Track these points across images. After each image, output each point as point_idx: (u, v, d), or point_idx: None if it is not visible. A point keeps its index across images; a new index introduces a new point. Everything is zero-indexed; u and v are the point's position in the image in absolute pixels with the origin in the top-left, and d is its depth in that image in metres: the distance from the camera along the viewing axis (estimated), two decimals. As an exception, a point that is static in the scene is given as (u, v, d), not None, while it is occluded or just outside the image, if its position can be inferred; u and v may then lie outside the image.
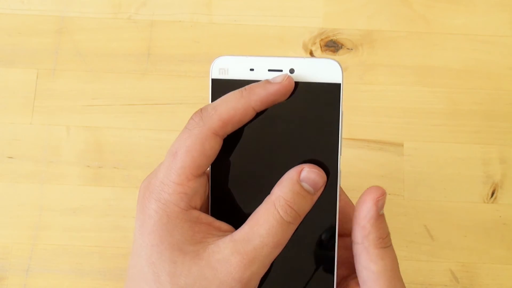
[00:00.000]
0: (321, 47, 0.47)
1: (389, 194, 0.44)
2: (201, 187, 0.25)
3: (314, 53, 0.47)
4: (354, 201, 0.42)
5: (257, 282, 0.25)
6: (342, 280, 0.29)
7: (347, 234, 0.28)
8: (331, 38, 0.47)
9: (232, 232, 0.25)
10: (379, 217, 0.26)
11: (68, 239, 0.43)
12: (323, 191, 0.26)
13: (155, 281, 0.24)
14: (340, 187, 0.27)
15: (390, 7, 0.48)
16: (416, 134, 0.45)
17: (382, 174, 0.44)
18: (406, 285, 0.43)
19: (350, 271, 0.28)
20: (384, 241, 0.26)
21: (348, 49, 0.47)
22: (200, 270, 0.24)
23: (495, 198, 0.44)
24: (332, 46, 0.47)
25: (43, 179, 0.44)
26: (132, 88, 0.46)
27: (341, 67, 0.26)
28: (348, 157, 0.44)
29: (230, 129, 0.25)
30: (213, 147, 0.25)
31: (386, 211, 0.42)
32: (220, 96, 0.26)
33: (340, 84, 0.26)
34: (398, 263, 0.27)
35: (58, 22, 0.47)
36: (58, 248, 0.43)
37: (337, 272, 0.27)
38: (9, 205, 0.44)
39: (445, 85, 0.46)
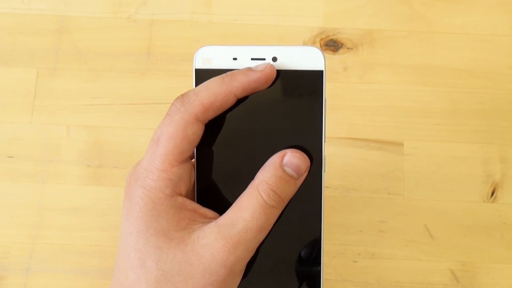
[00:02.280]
0: (321, 47, 0.47)
1: (389, 193, 0.44)
2: (186, 173, 0.25)
3: (314, 53, 0.47)
4: (355, 200, 0.42)
5: (242, 267, 0.25)
6: None
7: None
8: (331, 37, 0.47)
9: (217, 218, 0.25)
10: None
11: (68, 238, 0.43)
12: (307, 177, 0.26)
13: (140, 267, 0.24)
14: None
15: (390, 6, 0.48)
16: (416, 133, 0.45)
17: (382, 173, 0.44)
18: (406, 284, 0.43)
19: None
20: None
21: (348, 48, 0.47)
22: (185, 255, 0.24)
23: (495, 197, 0.44)
24: (332, 45, 0.47)
25: (43, 179, 0.44)
26: (132, 88, 0.46)
27: (323, 54, 0.27)
28: (348, 157, 0.44)
29: (211, 115, 0.26)
30: (195, 132, 0.25)
31: (386, 210, 0.42)
32: None
33: (322, 71, 0.27)
34: None
35: (58, 22, 0.47)
36: (58, 247, 0.43)
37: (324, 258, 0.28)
38: (9, 204, 0.44)
39: (445, 85, 0.46)
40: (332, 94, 0.46)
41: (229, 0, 0.48)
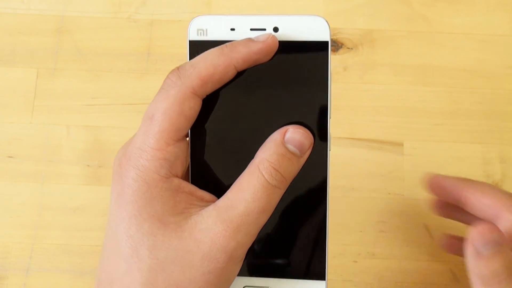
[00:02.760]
0: (321, 47, 0.47)
1: (389, 193, 0.44)
2: (182, 153, 0.24)
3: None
4: (355, 200, 0.42)
5: (243, 253, 0.23)
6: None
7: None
8: (331, 37, 0.47)
9: (215, 201, 0.23)
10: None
11: (68, 238, 0.43)
12: (311, 155, 0.24)
13: (132, 256, 0.22)
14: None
15: (390, 6, 0.48)
16: (416, 133, 0.45)
17: (382, 173, 0.44)
18: (406, 284, 0.43)
19: None
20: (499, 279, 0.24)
21: (348, 48, 0.47)
22: (182, 242, 0.22)
23: (495, 197, 0.44)
24: (332, 45, 0.47)
25: (43, 179, 0.44)
26: (132, 88, 0.46)
27: (328, 24, 0.25)
28: (348, 157, 0.44)
29: (210, 89, 0.24)
30: (193, 107, 0.23)
31: (386, 210, 0.42)
32: None
33: (327, 42, 0.25)
34: None
35: (58, 22, 0.47)
36: (58, 247, 0.43)
37: (329, 242, 0.26)
38: (9, 204, 0.44)
39: (445, 85, 0.46)
40: (332, 94, 0.46)
41: (229, 0, 0.48)
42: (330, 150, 0.25)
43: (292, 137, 0.24)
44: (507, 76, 0.46)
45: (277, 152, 0.23)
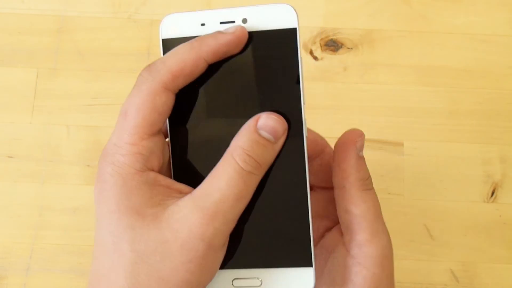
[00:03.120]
0: (321, 47, 0.47)
1: (389, 193, 0.44)
2: (157, 147, 0.24)
3: (314, 53, 0.47)
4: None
5: (223, 240, 0.23)
6: (327, 231, 0.28)
7: (331, 187, 0.27)
8: (331, 37, 0.47)
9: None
10: (359, 159, 0.25)
11: (68, 238, 0.43)
12: (287, 140, 0.24)
13: (115, 251, 0.22)
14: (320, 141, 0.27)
15: (390, 6, 0.48)
16: (416, 133, 0.45)
17: (382, 173, 0.44)
18: (406, 284, 0.43)
19: (334, 223, 0.27)
20: (366, 183, 0.25)
21: (348, 48, 0.47)
22: (160, 232, 0.22)
23: (495, 197, 0.44)
24: (332, 45, 0.47)
25: (43, 179, 0.44)
26: (132, 88, 0.46)
27: (295, 10, 0.25)
28: (348, 157, 0.44)
29: (181, 83, 0.24)
30: (165, 102, 0.24)
31: (386, 210, 0.42)
32: None
33: (295, 28, 0.25)
34: (380, 207, 0.26)
35: (58, 22, 0.47)
36: (58, 247, 0.43)
37: (315, 225, 0.26)
38: (9, 204, 0.44)
39: (445, 85, 0.46)
40: (332, 94, 0.46)
41: (229, 0, 0.48)
42: (306, 136, 0.25)
43: (265, 123, 0.24)
44: (507, 76, 0.46)
45: (251, 139, 0.23)
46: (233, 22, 0.25)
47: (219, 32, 0.24)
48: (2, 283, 0.42)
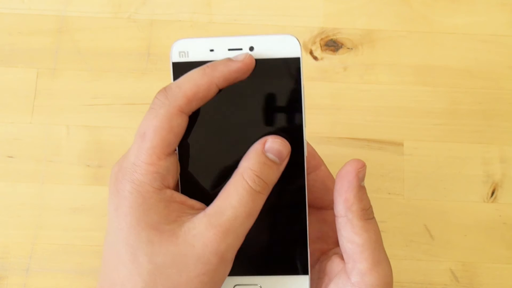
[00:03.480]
0: (321, 47, 0.47)
1: (389, 193, 0.44)
2: (173, 166, 0.26)
3: (314, 53, 0.47)
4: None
5: (232, 254, 0.25)
6: (323, 254, 0.29)
7: (328, 207, 0.29)
8: (331, 37, 0.47)
9: (204, 209, 0.26)
10: (361, 189, 0.26)
11: (68, 238, 0.43)
12: (289, 161, 0.27)
13: (132, 262, 0.24)
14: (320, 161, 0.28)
15: (390, 6, 0.48)
16: (416, 133, 0.45)
17: (382, 173, 0.44)
18: (406, 284, 0.43)
19: (331, 245, 0.29)
20: (367, 213, 0.27)
21: (348, 48, 0.47)
22: (177, 247, 0.24)
23: (495, 197, 0.44)
24: (332, 45, 0.47)
25: (43, 179, 0.44)
26: (132, 88, 0.46)
27: (298, 41, 0.27)
28: (348, 157, 0.44)
29: (195, 106, 0.26)
30: (180, 124, 0.25)
31: (386, 210, 0.42)
32: None
33: (299, 57, 0.27)
34: (381, 236, 0.27)
35: (58, 22, 0.47)
36: (58, 247, 0.43)
37: (312, 243, 0.28)
38: (9, 204, 0.44)
39: (445, 85, 0.46)
40: (332, 94, 0.46)
41: (229, 0, 0.48)
42: (306, 156, 0.27)
43: (271, 146, 0.26)
44: (507, 76, 0.46)
45: (259, 161, 0.26)
46: (241, 49, 0.27)
47: (230, 60, 0.26)
48: (2, 283, 0.42)
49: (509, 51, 0.47)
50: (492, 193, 0.44)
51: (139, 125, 0.26)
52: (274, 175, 0.26)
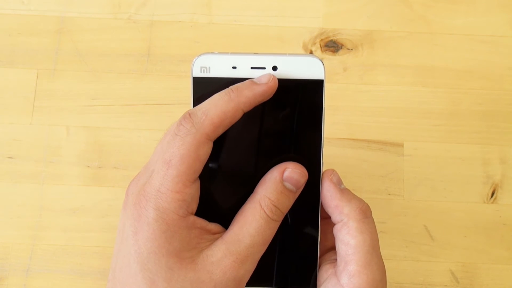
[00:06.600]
0: (321, 47, 0.47)
1: (389, 194, 0.44)
2: (197, 192, 0.26)
3: (314, 53, 0.47)
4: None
5: (249, 277, 0.26)
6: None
7: (321, 216, 0.29)
8: (331, 38, 0.47)
9: (222, 232, 0.26)
10: (344, 191, 0.27)
11: (68, 239, 0.43)
12: (307, 183, 0.27)
13: (150, 286, 0.24)
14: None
15: (390, 7, 0.48)
16: (416, 134, 0.45)
17: (382, 174, 0.44)
18: (406, 285, 0.43)
19: (322, 252, 0.29)
20: (361, 212, 0.27)
21: (348, 49, 0.47)
22: (196, 274, 0.24)
23: (495, 198, 0.44)
24: (332, 46, 0.47)
25: (43, 179, 0.44)
26: (132, 88, 0.46)
27: (323, 64, 0.27)
28: (348, 157, 0.44)
29: (221, 132, 0.26)
30: (206, 151, 0.25)
31: (386, 211, 0.42)
32: (201, 95, 0.26)
33: (322, 80, 0.26)
34: (378, 239, 0.27)
35: (58, 22, 0.47)
36: (58, 248, 0.43)
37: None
38: (9, 205, 0.44)
39: (445, 85, 0.46)
40: (332, 94, 0.46)
41: (229, 1, 0.48)
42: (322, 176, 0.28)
43: (290, 176, 0.26)
44: (507, 76, 0.46)
45: (277, 190, 0.26)
46: (264, 68, 0.27)
47: (254, 83, 0.26)
48: (2, 284, 0.42)
49: (509, 52, 0.47)
50: (492, 194, 0.44)
51: (163, 150, 0.25)
52: (289, 203, 0.27)
